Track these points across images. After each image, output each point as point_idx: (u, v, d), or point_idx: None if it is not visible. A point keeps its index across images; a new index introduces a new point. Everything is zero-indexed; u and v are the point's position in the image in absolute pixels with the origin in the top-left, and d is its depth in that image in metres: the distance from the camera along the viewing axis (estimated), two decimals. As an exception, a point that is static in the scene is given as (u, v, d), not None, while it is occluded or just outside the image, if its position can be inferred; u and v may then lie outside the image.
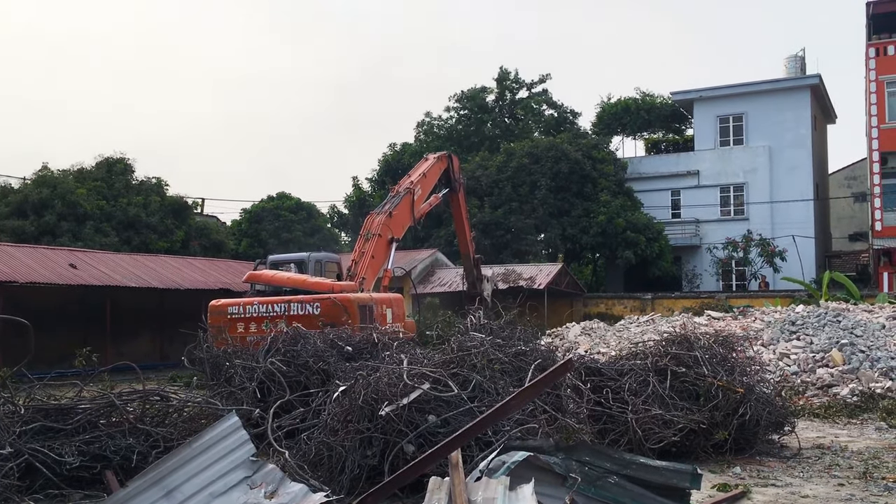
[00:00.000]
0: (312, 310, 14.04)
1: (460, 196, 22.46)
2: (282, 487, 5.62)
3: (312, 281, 15.89)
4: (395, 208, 18.22)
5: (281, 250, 30.45)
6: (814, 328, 15.70)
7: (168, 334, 25.88)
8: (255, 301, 14.70)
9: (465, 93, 43.38)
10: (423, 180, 19.81)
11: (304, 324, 12.56)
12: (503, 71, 42.93)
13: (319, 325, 12.62)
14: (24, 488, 6.81)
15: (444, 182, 21.26)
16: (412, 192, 18.98)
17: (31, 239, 25.88)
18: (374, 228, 17.56)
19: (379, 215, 17.96)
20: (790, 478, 7.80)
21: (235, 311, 14.53)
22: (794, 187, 36.74)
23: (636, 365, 9.04)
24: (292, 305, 14.23)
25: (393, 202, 18.46)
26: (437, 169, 20.71)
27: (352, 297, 14.63)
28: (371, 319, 14.25)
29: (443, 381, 7.14)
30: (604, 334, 19.49)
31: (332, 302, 14.12)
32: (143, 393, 8.38)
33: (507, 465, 4.95)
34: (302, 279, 16.03)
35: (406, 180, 19.67)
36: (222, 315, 14.52)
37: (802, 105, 37.32)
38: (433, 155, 21.54)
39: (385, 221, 17.73)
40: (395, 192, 19.05)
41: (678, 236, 37.88)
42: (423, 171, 20.09)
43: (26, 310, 14.48)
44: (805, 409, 12.02)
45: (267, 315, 14.19)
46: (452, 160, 21.90)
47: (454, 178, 21.69)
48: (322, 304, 14.09)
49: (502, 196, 35.67)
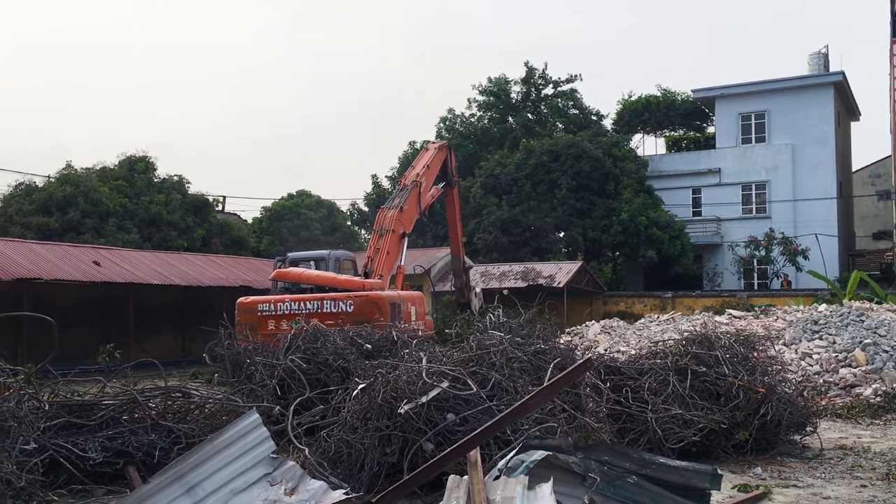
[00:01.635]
0: (346, 307, 14.11)
1: (455, 192, 22.14)
2: (302, 484, 5.65)
3: (342, 278, 15.99)
4: (405, 202, 18.12)
5: (300, 248, 30.59)
6: (837, 328, 15.54)
7: (189, 331, 26.11)
8: (286, 298, 14.73)
9: (491, 80, 42.89)
10: (427, 171, 19.62)
11: (337, 321, 12.66)
12: (530, 68, 42.63)
13: (353, 322, 12.67)
14: (48, 483, 6.89)
15: (441, 175, 20.85)
16: (419, 185, 18.84)
17: (56, 235, 26.19)
18: (386, 224, 17.54)
19: (390, 210, 17.92)
20: (812, 479, 7.73)
21: (266, 308, 14.56)
22: (817, 185, 36.39)
23: (656, 364, 8.99)
24: (325, 303, 14.28)
25: (402, 196, 18.34)
26: (438, 159, 20.44)
27: (384, 295, 14.74)
28: (399, 317, 14.35)
29: (462, 380, 7.14)
30: (623, 333, 19.41)
31: (365, 299, 14.22)
32: (165, 389, 8.46)
33: (525, 464, 4.95)
34: (331, 277, 16.13)
35: (411, 172, 19.55)
36: (252, 312, 14.55)
37: (826, 102, 36.95)
38: (434, 144, 21.19)
39: (397, 216, 17.69)
40: (402, 186, 18.96)
41: (699, 234, 37.64)
42: (426, 161, 19.85)
43: (50, 306, 14.68)
44: (827, 410, 11.90)
45: (299, 312, 14.13)
46: (451, 152, 21.57)
47: (451, 171, 21.33)
48: (355, 302, 14.18)
49: (521, 194, 35.59)
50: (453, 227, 22.52)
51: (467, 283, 22.75)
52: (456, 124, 43.90)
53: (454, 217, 22.31)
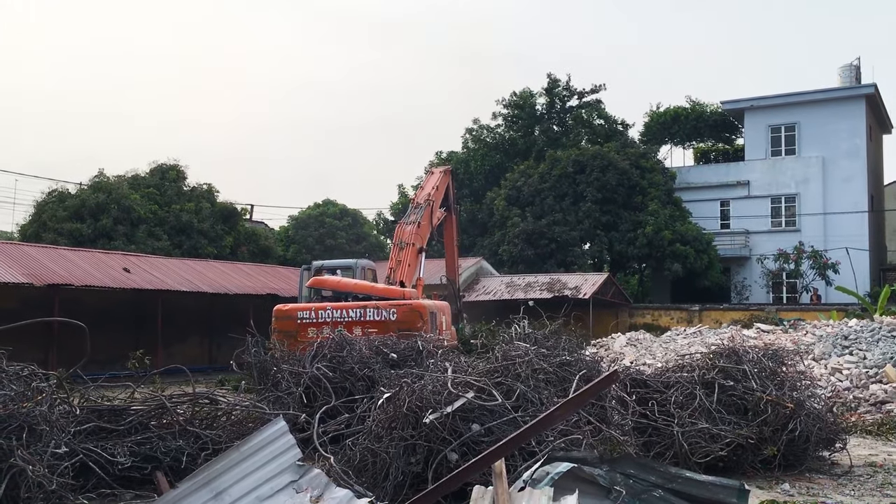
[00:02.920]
0: (389, 315, 14.18)
1: (454, 218, 22.90)
2: (327, 492, 5.68)
3: (381, 287, 16.18)
4: (422, 219, 18.85)
5: (326, 257, 30.80)
6: (867, 343, 15.33)
7: (216, 338, 26.33)
8: (327, 306, 14.81)
9: (515, 94, 42.77)
10: (437, 193, 20.41)
11: (380, 329, 12.75)
12: (552, 79, 42.50)
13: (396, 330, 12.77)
14: (77, 487, 6.99)
15: (443, 199, 21.49)
16: (431, 203, 19.60)
17: (88, 241, 26.56)
18: (405, 238, 18.17)
19: (408, 225, 18.64)
20: (841, 496, 7.62)
21: (306, 315, 14.61)
22: (848, 199, 35.94)
23: (683, 377, 8.92)
24: (368, 311, 14.33)
25: (417, 213, 19.10)
26: (443, 182, 21.20)
27: (426, 304, 14.83)
28: (435, 326, 14.45)
29: (487, 390, 7.15)
30: (650, 345, 19.29)
31: (408, 308, 14.32)
32: (193, 396, 8.54)
33: (550, 476, 4.94)
34: (370, 286, 16.34)
35: (422, 192, 20.34)
36: (290, 320, 14.61)
37: (857, 115, 36.53)
38: (439, 169, 22.05)
39: (416, 231, 18.36)
40: (415, 204, 19.72)
41: (727, 247, 37.31)
42: (435, 183, 20.65)
43: (81, 312, 14.89)
44: (857, 426, 11.73)
45: (341, 320, 14.23)
46: (452, 178, 22.38)
47: (451, 197, 22.12)
48: (399, 311, 14.25)
49: (544, 206, 35.49)
50: (450, 251, 23.30)
51: (461, 308, 23.20)
52: (482, 135, 43.87)
53: (451, 242, 23.13)
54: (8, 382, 5.69)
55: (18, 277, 19.26)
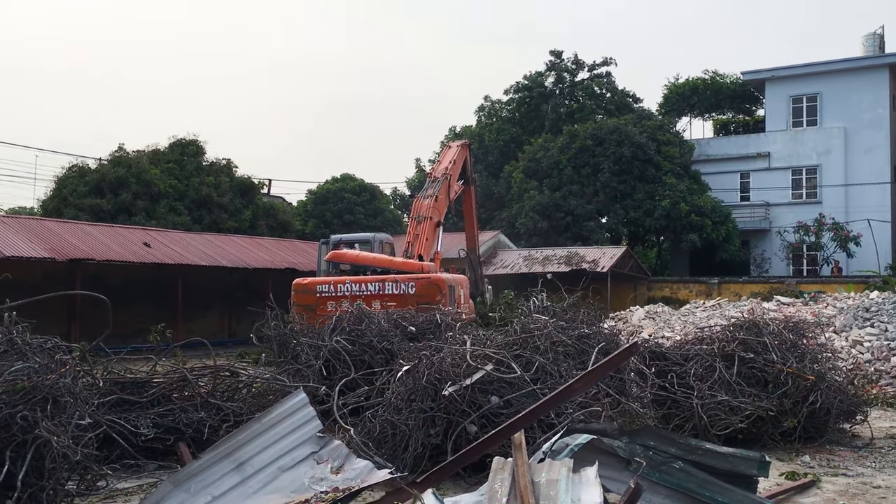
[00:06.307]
0: (408, 289, 14.20)
1: (472, 190, 22.87)
2: (347, 463, 5.73)
3: (400, 261, 16.19)
4: (439, 192, 18.79)
5: (344, 231, 30.84)
6: (889, 315, 15.20)
7: (236, 312, 26.53)
8: (346, 280, 14.85)
9: (525, 77, 42.64)
10: (454, 167, 20.35)
11: (399, 303, 12.78)
12: (555, 54, 42.13)
13: (415, 303, 12.80)
14: (102, 458, 7.09)
15: (461, 172, 21.51)
16: (448, 177, 19.52)
17: (108, 216, 26.73)
18: (423, 212, 18.14)
19: (426, 199, 18.56)
20: (861, 468, 7.60)
21: (325, 289, 14.63)
22: (870, 170, 35.43)
23: (702, 350, 8.90)
24: (387, 285, 14.34)
25: (435, 187, 19.02)
26: (461, 156, 21.15)
27: (445, 277, 14.84)
28: (453, 300, 14.47)
29: (506, 363, 7.16)
30: (668, 318, 19.24)
31: (427, 281, 14.34)
32: (214, 368, 8.62)
33: (570, 448, 4.94)
34: (388, 259, 16.36)
35: (440, 167, 20.29)
36: (310, 293, 14.63)
37: (881, 84, 35.89)
38: (456, 143, 22.01)
39: (433, 205, 18.29)
40: (433, 178, 19.65)
41: (747, 219, 36.96)
42: (452, 157, 20.56)
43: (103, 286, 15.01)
44: (878, 399, 11.67)
45: (360, 294, 14.27)
46: (470, 151, 22.33)
47: (469, 169, 22.07)
48: (418, 284, 14.27)
49: (562, 178, 35.28)
50: (470, 222, 23.40)
51: (481, 276, 23.31)
52: (496, 110, 43.65)
53: (471, 213, 23.18)
54: (32, 355, 5.74)
55: (40, 252, 19.46)
